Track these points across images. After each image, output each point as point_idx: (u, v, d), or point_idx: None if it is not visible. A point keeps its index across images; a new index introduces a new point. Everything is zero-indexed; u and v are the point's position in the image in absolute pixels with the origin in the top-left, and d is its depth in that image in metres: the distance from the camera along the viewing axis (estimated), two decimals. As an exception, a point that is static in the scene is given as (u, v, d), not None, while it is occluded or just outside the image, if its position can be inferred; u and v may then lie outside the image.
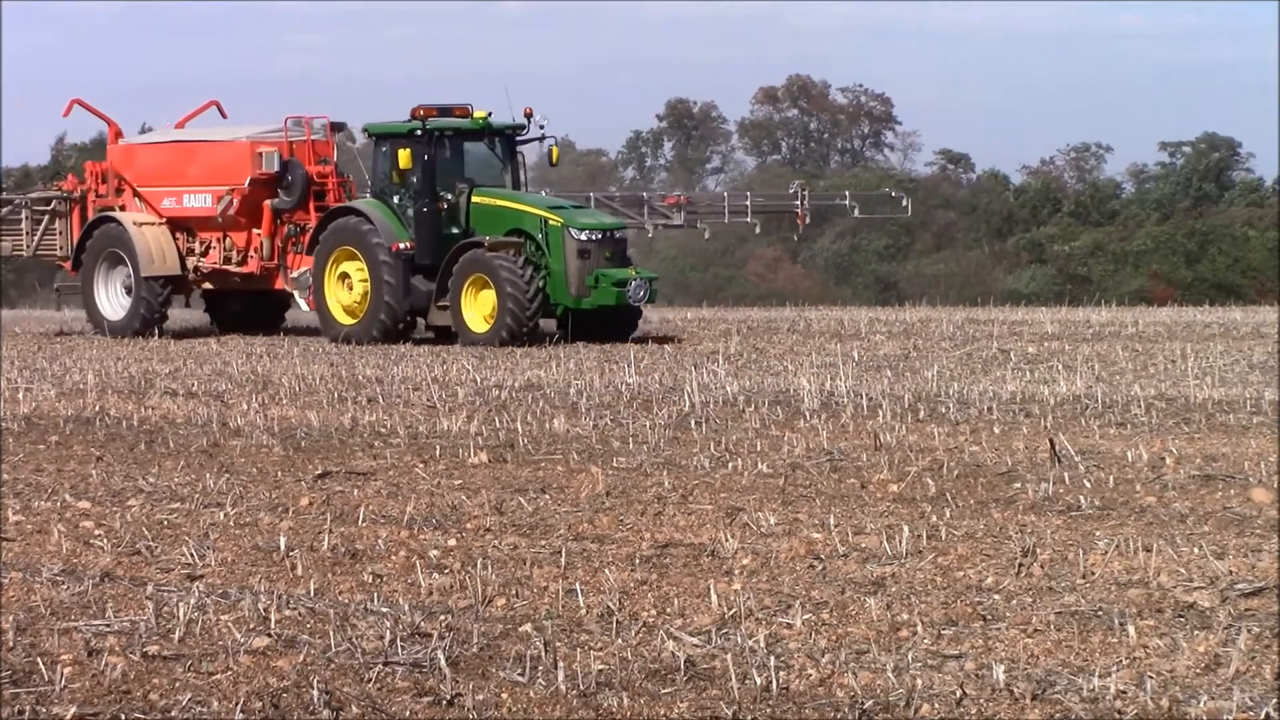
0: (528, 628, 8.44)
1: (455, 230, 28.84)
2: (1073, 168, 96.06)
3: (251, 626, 8.52)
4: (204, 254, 32.30)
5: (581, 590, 9.14)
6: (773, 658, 7.77)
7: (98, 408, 18.58)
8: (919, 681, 7.43)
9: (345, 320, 29.41)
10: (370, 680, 7.61)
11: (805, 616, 8.53)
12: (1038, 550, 9.91)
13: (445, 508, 11.89)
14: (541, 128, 29.64)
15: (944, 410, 16.86)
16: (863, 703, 7.19)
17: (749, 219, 42.55)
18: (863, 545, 10.24)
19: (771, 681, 7.44)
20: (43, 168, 77.81)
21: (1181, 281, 64.21)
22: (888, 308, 42.84)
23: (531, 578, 9.58)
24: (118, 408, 18.55)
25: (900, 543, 10.14)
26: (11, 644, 8.25)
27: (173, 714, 7.23)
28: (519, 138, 29.84)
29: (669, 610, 8.79)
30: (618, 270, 28.18)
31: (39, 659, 7.94)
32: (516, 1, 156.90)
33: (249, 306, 33.38)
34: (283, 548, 10.44)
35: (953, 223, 79.87)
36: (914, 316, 34.82)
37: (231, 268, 32.11)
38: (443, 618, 8.66)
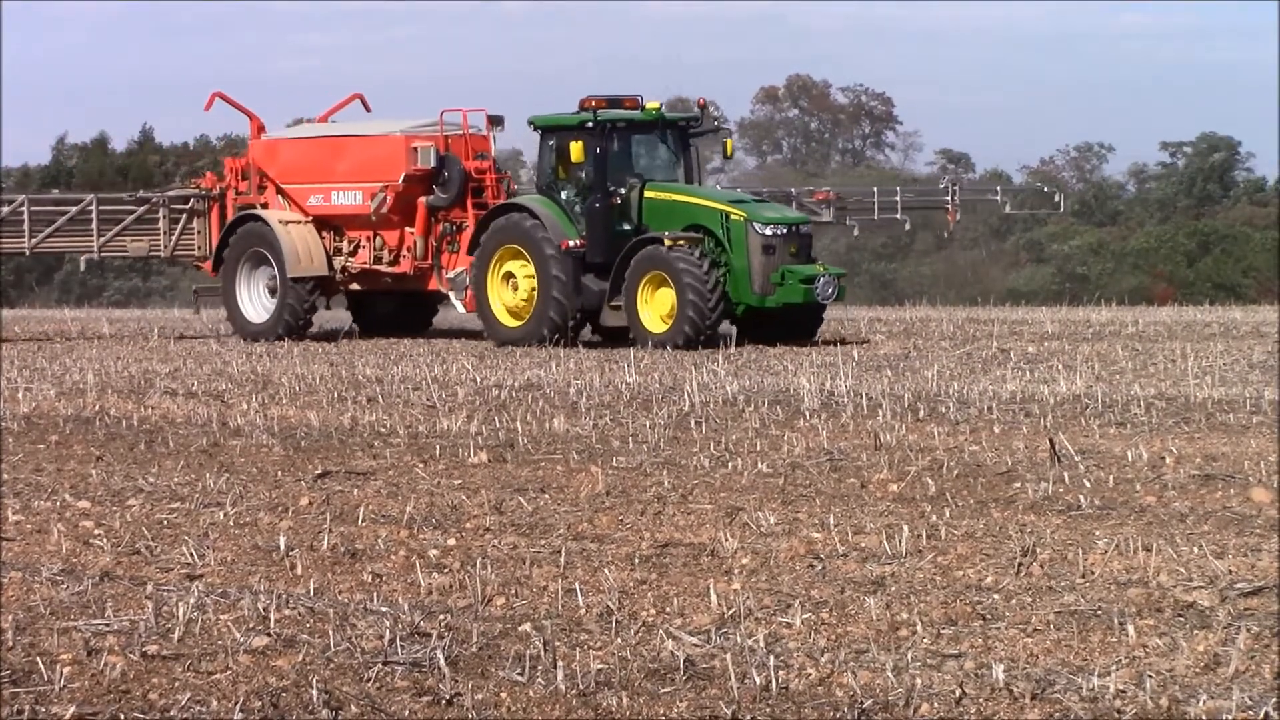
0: (527, 627, 8.44)
1: (627, 227, 27.47)
2: (1073, 167, 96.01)
3: (251, 626, 8.52)
4: (352, 253, 30.95)
5: (581, 590, 9.14)
6: (772, 657, 7.76)
7: (97, 407, 18.58)
8: (918, 681, 7.42)
9: (509, 322, 28.06)
10: (369, 680, 7.61)
11: (805, 616, 8.53)
12: (1037, 550, 9.91)
13: (445, 507, 11.89)
14: (715, 120, 28.00)
15: (944, 410, 16.86)
16: (862, 702, 7.19)
17: (899, 215, 40.74)
18: (862, 545, 10.24)
19: (771, 681, 7.44)
20: (43, 167, 77.87)
21: (1183, 280, 64.23)
22: (887, 307, 42.78)
23: (531, 577, 9.58)
24: (117, 407, 18.56)
25: (900, 542, 10.14)
26: (11, 643, 8.25)
27: (172, 713, 7.23)
28: (692, 130, 28.52)
29: (668, 610, 8.79)
30: (806, 266, 26.81)
31: (38, 658, 7.93)
32: (517, 1, 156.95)
33: (396, 308, 31.96)
34: (282, 547, 10.44)
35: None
36: (914, 316, 34.83)
37: (382, 268, 30.76)
38: (442, 617, 8.66)
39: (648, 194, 27.63)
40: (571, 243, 27.35)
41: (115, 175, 70.24)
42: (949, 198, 41.27)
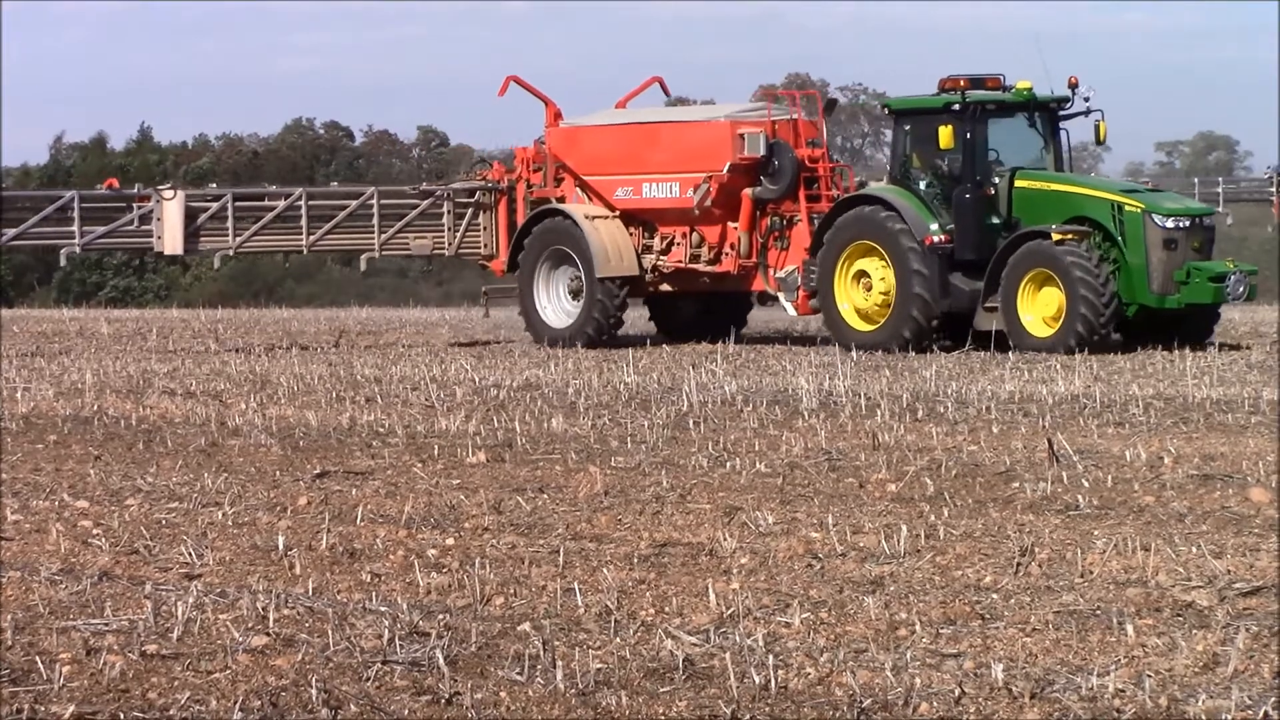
0: (526, 627, 8.44)
1: (995, 220, 25.01)
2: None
3: (250, 625, 8.51)
4: (665, 251, 28.11)
5: (580, 589, 9.14)
6: (771, 657, 7.76)
7: (96, 407, 18.57)
8: (917, 680, 7.43)
9: (861, 326, 25.48)
10: (369, 679, 7.61)
11: (804, 615, 8.53)
12: (1036, 549, 9.91)
13: (443, 507, 11.89)
14: (1086, 100, 25.65)
15: (942, 410, 16.87)
16: (861, 701, 7.19)
17: (1220, 208, 37.61)
18: (861, 544, 10.24)
19: (770, 680, 7.44)
20: (41, 167, 77.91)
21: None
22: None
23: (530, 577, 9.58)
24: (116, 407, 18.54)
25: (898, 542, 10.14)
26: (10, 643, 8.25)
27: (171, 713, 7.22)
28: (1063, 112, 25.85)
29: (667, 609, 8.79)
30: (1214, 263, 24.36)
31: (37, 658, 7.93)
32: (518, 1, 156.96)
33: (704, 310, 28.91)
34: (281, 547, 10.44)
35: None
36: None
37: (700, 266, 27.88)
38: (441, 617, 8.66)
39: (1018, 183, 25.12)
40: (936, 238, 24.86)
41: (115, 174, 70.17)
42: (1275, 190, 39.54)
